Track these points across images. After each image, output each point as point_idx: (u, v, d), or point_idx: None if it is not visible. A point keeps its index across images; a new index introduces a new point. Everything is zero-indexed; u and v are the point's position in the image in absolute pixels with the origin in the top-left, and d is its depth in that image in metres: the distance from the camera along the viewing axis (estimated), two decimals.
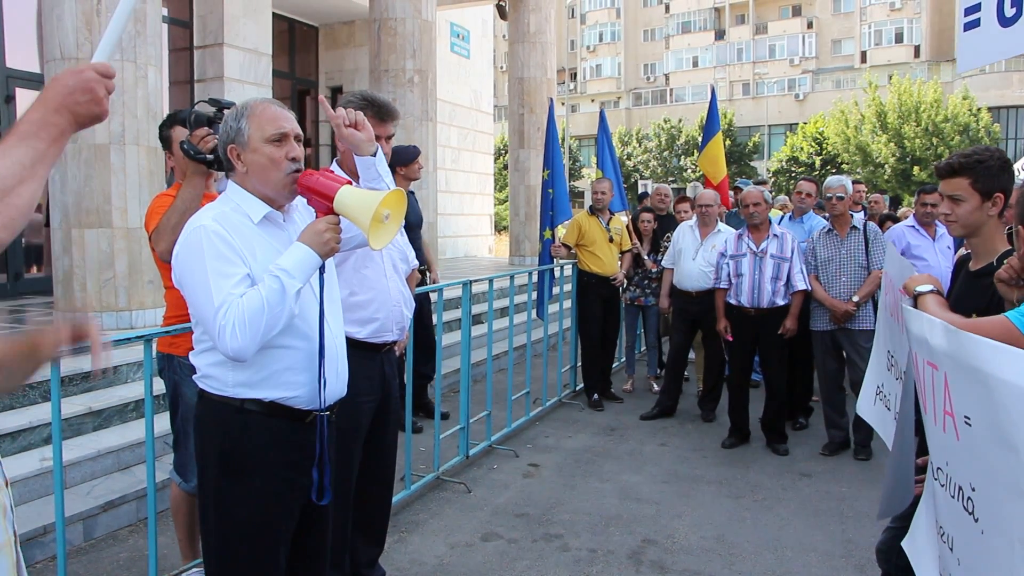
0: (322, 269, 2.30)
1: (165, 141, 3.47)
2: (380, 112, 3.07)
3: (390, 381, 3.35)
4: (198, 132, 3.02)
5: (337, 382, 2.43)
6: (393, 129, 3.14)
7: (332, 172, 2.29)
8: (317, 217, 2.27)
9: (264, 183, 2.30)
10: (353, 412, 3.17)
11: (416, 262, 3.56)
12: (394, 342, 3.31)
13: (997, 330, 1.94)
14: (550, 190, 7.80)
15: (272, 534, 2.36)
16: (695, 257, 6.64)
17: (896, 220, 7.86)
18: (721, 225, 6.79)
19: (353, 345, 3.11)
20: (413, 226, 6.01)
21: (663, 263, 7.09)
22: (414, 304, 3.41)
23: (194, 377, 2.36)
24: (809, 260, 5.86)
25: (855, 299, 5.60)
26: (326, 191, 2.21)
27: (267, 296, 2.12)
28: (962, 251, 2.89)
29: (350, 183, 2.25)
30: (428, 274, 6.24)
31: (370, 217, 2.13)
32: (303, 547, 2.50)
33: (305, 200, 2.36)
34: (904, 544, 2.45)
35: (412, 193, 6.58)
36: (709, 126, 9.11)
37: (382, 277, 3.20)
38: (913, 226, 6.05)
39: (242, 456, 2.28)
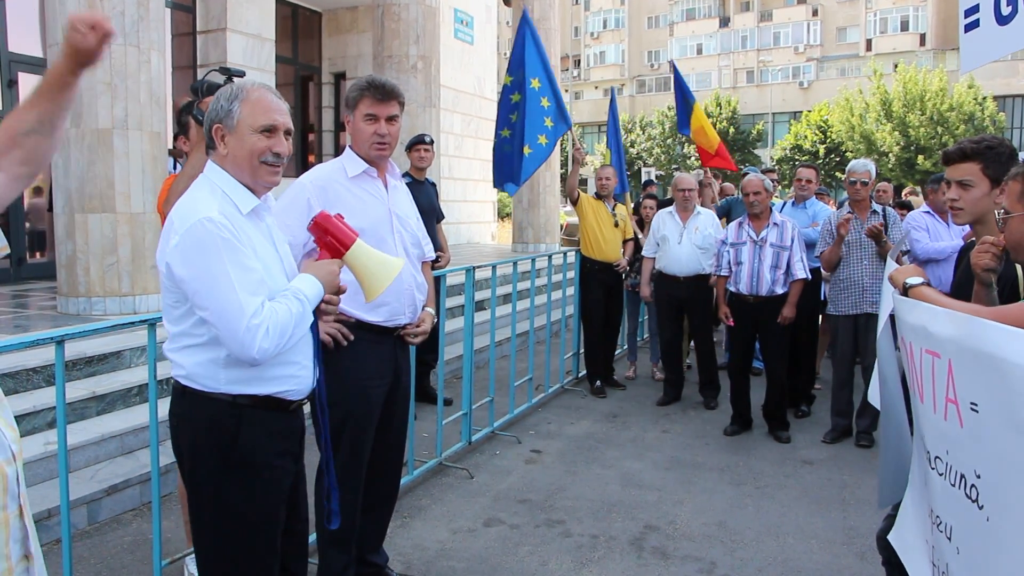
0: None
1: (184, 126, 3.45)
2: (377, 92, 3.07)
3: (402, 366, 3.36)
4: (208, 100, 3.03)
5: (311, 372, 2.42)
6: (394, 110, 3.12)
7: (343, 217, 2.39)
8: (320, 253, 2.37)
9: (241, 170, 2.26)
10: (362, 396, 3.18)
11: (432, 254, 3.54)
12: (406, 325, 3.30)
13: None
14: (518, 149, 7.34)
15: (272, 524, 2.37)
16: (680, 241, 6.64)
17: (910, 208, 7.83)
18: (699, 208, 6.81)
19: (364, 328, 3.14)
20: (424, 213, 6.02)
21: (644, 252, 7.06)
22: (427, 289, 3.40)
23: (175, 375, 2.30)
24: (827, 240, 5.83)
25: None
26: (343, 239, 2.34)
27: (295, 314, 2.18)
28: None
29: (358, 236, 2.38)
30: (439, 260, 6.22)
31: (384, 283, 2.36)
32: (289, 531, 2.51)
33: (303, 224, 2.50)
34: (890, 537, 2.45)
35: (433, 184, 6.59)
36: (682, 101, 9.04)
37: None
38: (928, 212, 6.02)
39: (243, 450, 2.27)
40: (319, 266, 2.32)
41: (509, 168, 7.42)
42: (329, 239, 2.34)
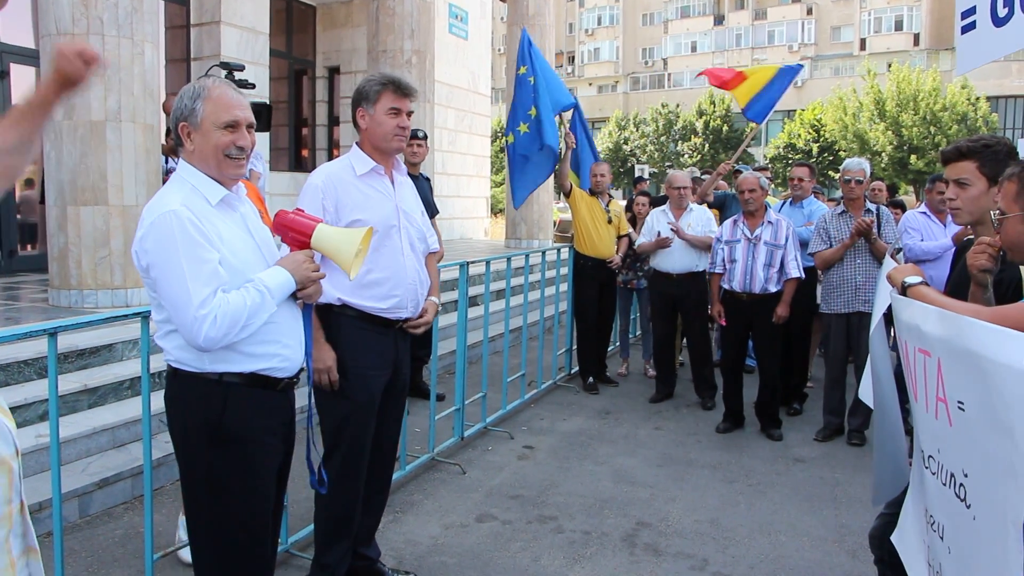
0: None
1: None
2: (399, 87, 3.18)
3: (402, 358, 3.39)
4: None
5: (299, 351, 2.53)
6: (412, 106, 3.25)
7: (303, 211, 2.50)
8: (291, 251, 2.46)
9: (208, 165, 2.37)
10: (364, 386, 3.21)
11: (436, 246, 3.60)
12: (407, 319, 3.33)
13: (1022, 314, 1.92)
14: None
15: (263, 499, 2.47)
16: (673, 238, 6.65)
17: (903, 207, 7.84)
18: (692, 204, 6.81)
19: (366, 320, 3.17)
20: None
21: (639, 241, 7.05)
22: (429, 284, 3.44)
23: (166, 359, 2.42)
24: (822, 237, 5.84)
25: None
26: (303, 228, 2.44)
27: (250, 305, 2.26)
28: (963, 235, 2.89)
29: (321, 221, 2.47)
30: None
31: (352, 254, 2.39)
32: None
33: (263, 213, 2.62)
34: (893, 538, 2.46)
35: (428, 179, 6.59)
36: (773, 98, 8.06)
37: (399, 255, 3.23)
38: (925, 212, 6.04)
39: (229, 426, 2.37)
40: (287, 258, 2.43)
41: (527, 170, 7.36)
42: (292, 234, 2.46)
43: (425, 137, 6.35)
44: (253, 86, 4.26)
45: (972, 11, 3.50)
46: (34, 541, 1.74)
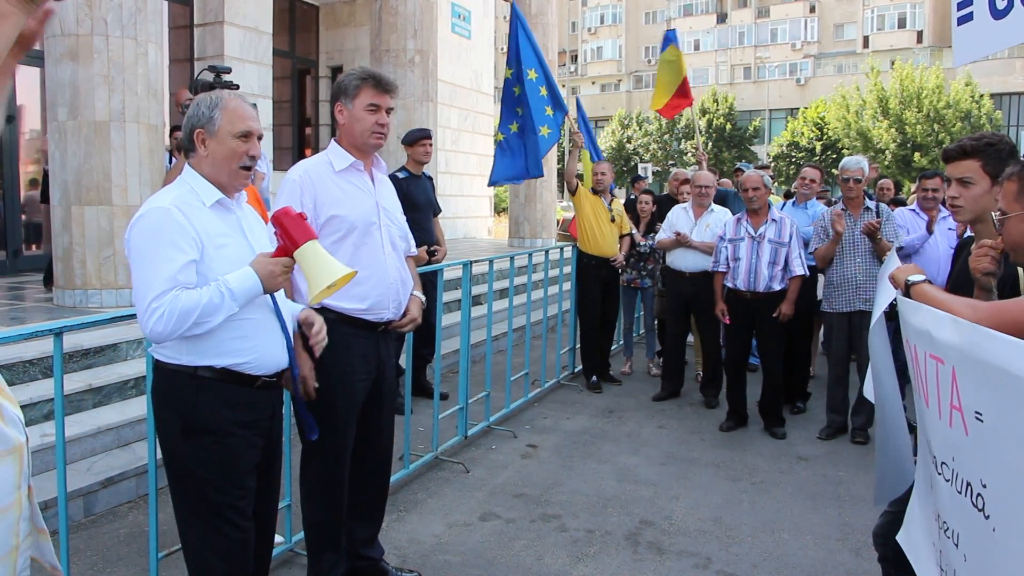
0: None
1: None
2: (379, 83, 3.14)
3: (385, 362, 3.34)
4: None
5: (281, 352, 2.57)
6: (392, 102, 3.19)
7: (306, 218, 2.45)
8: (277, 246, 2.45)
9: (219, 171, 2.48)
10: (346, 390, 3.18)
11: (414, 250, 3.54)
12: (390, 321, 3.29)
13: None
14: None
15: (237, 489, 2.53)
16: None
17: (903, 204, 7.84)
18: (714, 205, 6.81)
19: (348, 322, 3.14)
20: (421, 207, 6.00)
21: (658, 237, 7.06)
22: (412, 284, 3.39)
23: (149, 349, 2.55)
24: (821, 236, 5.84)
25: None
26: (295, 236, 2.39)
27: (205, 304, 2.31)
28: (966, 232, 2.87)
29: (316, 238, 2.43)
30: (436, 254, 6.19)
31: (324, 284, 2.36)
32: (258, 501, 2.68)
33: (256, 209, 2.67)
34: (899, 538, 2.43)
35: (430, 179, 6.58)
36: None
37: (379, 254, 3.18)
38: (914, 210, 6.05)
39: (199, 417, 2.45)
40: (262, 261, 2.43)
41: (512, 163, 7.42)
42: (283, 236, 2.45)
43: (431, 137, 6.35)
44: (237, 87, 4.23)
45: (969, 2, 3.45)
46: (41, 523, 1.76)
